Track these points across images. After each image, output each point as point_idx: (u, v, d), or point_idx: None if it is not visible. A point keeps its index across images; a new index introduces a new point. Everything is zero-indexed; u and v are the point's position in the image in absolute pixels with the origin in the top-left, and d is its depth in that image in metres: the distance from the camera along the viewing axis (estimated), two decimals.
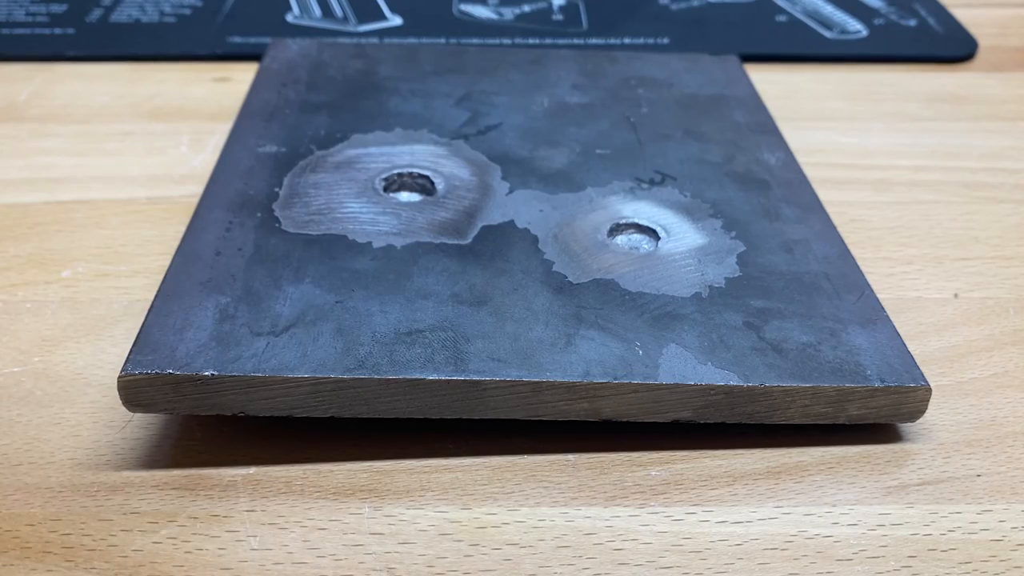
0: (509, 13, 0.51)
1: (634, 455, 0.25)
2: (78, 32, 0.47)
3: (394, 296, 0.26)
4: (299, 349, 0.24)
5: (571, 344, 0.25)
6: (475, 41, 0.48)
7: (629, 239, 0.29)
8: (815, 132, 0.41)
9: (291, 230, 0.28)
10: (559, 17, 0.51)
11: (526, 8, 0.52)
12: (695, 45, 0.48)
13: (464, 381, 0.23)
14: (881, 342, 0.25)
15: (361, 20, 0.50)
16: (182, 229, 0.29)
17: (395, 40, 0.48)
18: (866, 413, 0.24)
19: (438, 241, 0.28)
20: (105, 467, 0.24)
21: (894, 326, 0.26)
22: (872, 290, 0.27)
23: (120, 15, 0.49)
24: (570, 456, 0.25)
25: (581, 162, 0.33)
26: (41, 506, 0.23)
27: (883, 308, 0.27)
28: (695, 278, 0.27)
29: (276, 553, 0.22)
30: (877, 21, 0.51)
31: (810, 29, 0.50)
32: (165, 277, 0.26)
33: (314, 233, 0.28)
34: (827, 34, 0.50)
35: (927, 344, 0.28)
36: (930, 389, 0.24)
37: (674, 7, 0.52)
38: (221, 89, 0.43)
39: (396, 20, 0.50)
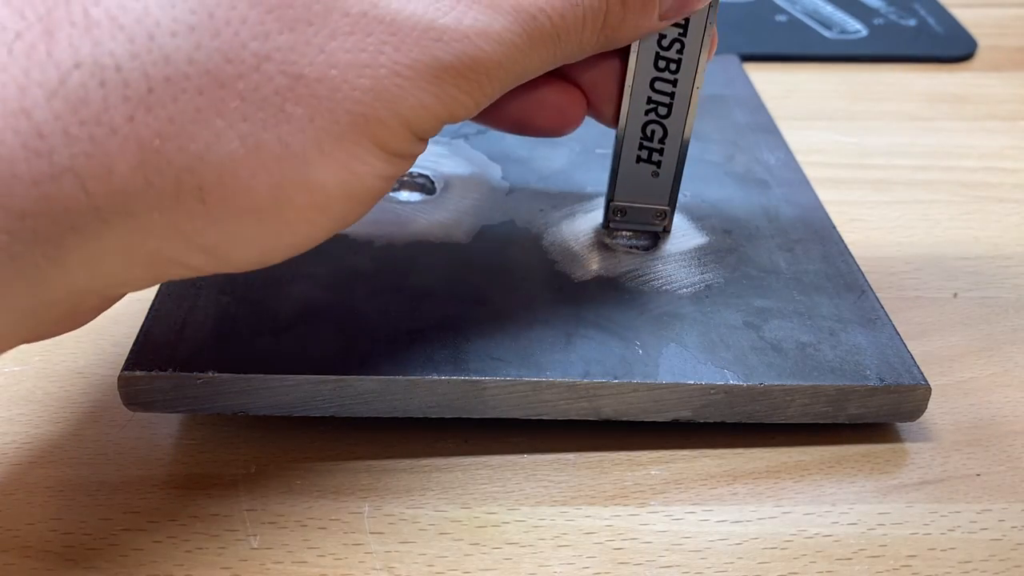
0: None
1: (634, 455, 0.25)
2: None
3: (394, 296, 0.26)
4: (299, 349, 0.24)
5: (571, 343, 0.25)
6: None
7: (629, 239, 0.29)
8: (815, 132, 0.41)
9: None
10: None
11: None
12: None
13: (464, 381, 0.23)
14: (881, 341, 0.25)
15: None
16: None
17: None
18: (866, 412, 0.24)
19: (438, 241, 0.28)
20: (105, 466, 0.24)
21: (894, 326, 0.26)
22: (872, 290, 0.27)
23: None
24: (570, 456, 0.25)
25: (581, 162, 0.33)
26: (41, 505, 0.23)
27: (883, 308, 0.27)
28: (695, 278, 0.27)
29: (276, 552, 0.22)
30: (877, 21, 0.51)
31: (810, 29, 0.50)
32: None
33: None
34: (827, 34, 0.50)
35: (927, 344, 0.28)
36: (930, 388, 0.24)
37: None
38: None
39: None
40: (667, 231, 0.29)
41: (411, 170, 0.32)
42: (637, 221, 0.28)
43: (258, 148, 0.17)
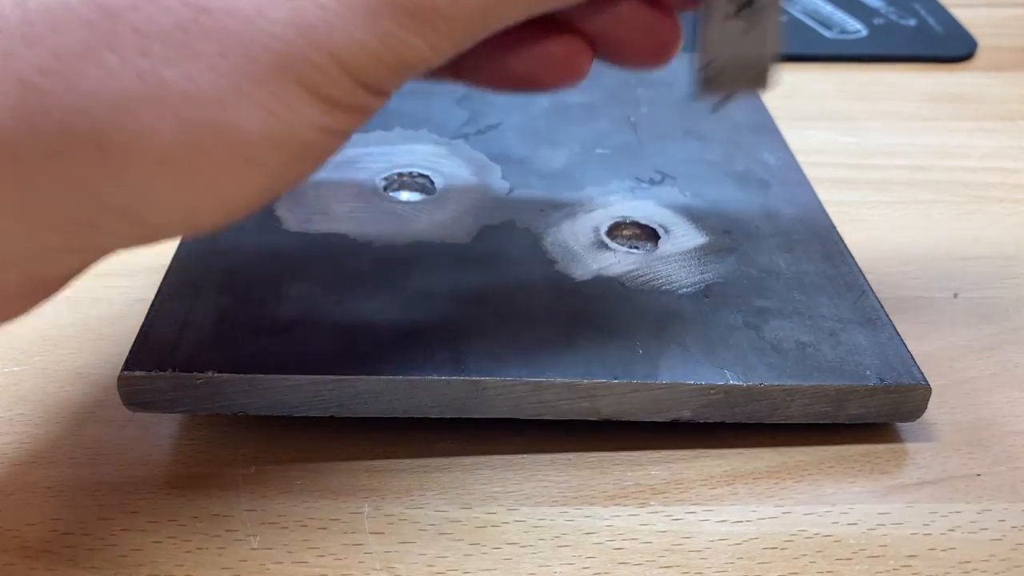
0: None
1: (634, 454, 0.25)
2: None
3: (394, 296, 0.26)
4: (299, 349, 0.24)
5: (571, 343, 0.25)
6: None
7: (629, 239, 0.29)
8: (815, 132, 0.41)
9: (291, 229, 0.28)
10: None
11: None
12: (695, 45, 0.48)
13: (464, 381, 0.23)
14: (881, 342, 0.25)
15: None
16: None
17: None
18: (866, 412, 0.24)
19: (438, 241, 0.28)
20: (105, 466, 0.24)
21: (894, 326, 0.26)
22: (872, 290, 0.27)
23: None
24: (570, 456, 0.25)
25: (581, 161, 0.33)
26: (41, 505, 0.23)
27: (883, 308, 0.27)
28: (695, 278, 0.27)
29: (276, 552, 0.22)
30: (877, 21, 0.51)
31: (810, 29, 0.50)
32: (165, 276, 0.26)
33: (314, 232, 0.28)
34: (827, 34, 0.50)
35: (927, 344, 0.28)
36: (930, 388, 0.24)
37: None
38: None
39: None
40: (766, 88, 0.24)
41: (411, 170, 0.32)
42: (735, 81, 0.24)
43: (161, 86, 0.16)
